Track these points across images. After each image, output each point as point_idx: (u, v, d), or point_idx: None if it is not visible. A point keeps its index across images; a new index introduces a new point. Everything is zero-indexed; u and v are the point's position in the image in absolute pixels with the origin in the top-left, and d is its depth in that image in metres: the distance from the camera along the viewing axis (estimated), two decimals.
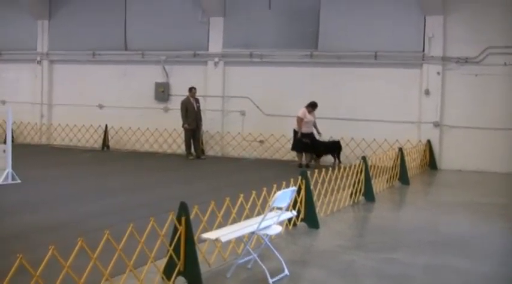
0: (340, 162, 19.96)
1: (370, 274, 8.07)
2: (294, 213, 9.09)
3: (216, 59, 23.31)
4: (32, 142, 26.32)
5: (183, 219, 6.99)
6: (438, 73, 20.63)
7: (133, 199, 13.29)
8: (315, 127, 20.27)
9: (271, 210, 7.75)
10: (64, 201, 12.81)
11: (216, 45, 23.44)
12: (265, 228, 7.64)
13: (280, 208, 7.95)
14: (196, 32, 23.67)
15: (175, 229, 7.02)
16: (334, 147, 20.49)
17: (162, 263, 7.13)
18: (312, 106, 20.18)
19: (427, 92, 20.73)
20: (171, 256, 7.00)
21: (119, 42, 24.97)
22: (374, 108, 21.35)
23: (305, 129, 20.01)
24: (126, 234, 6.43)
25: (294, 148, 20.60)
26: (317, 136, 20.30)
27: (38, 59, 26.36)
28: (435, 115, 20.72)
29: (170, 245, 6.99)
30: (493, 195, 15.81)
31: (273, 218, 7.90)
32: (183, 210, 7.03)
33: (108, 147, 24.75)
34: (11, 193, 13.66)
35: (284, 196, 7.63)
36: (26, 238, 9.40)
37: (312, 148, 20.12)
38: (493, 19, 20.20)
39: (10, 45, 26.69)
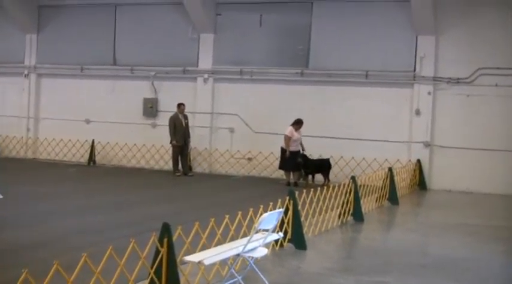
0: (329, 180, 19.71)
1: None
2: (281, 234, 8.83)
3: (206, 76, 23.10)
4: (17, 156, 25.96)
5: (165, 241, 6.73)
6: (429, 93, 20.51)
7: (117, 217, 12.98)
8: (301, 143, 20.06)
9: (257, 232, 7.48)
10: (45, 218, 12.47)
11: (205, 61, 23.24)
12: (250, 250, 7.37)
13: (266, 230, 7.69)
14: (186, 48, 23.49)
15: (157, 251, 6.75)
16: (323, 166, 20.25)
17: None
18: (298, 123, 19.98)
19: (417, 112, 20.59)
20: (152, 279, 6.72)
21: (107, 57, 24.74)
22: (364, 127, 21.18)
23: (293, 148, 19.81)
24: (105, 257, 6.14)
25: (281, 167, 20.38)
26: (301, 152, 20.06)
27: (26, 72, 26.05)
28: (425, 135, 20.56)
29: (152, 267, 6.72)
30: (484, 216, 15.58)
31: (259, 240, 7.64)
32: (166, 231, 6.76)
33: (94, 162, 24.44)
34: None
35: (271, 218, 7.38)
36: (2, 256, 9.07)
37: (301, 166, 19.87)
38: (484, 40, 20.12)
39: None
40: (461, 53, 20.31)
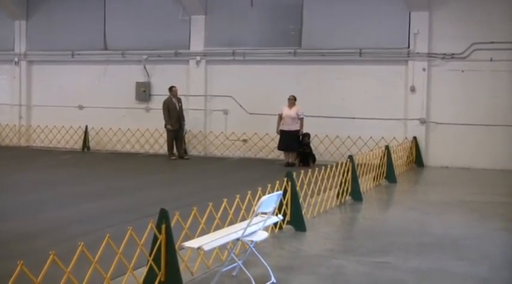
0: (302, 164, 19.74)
1: (362, 280, 7.71)
2: (281, 217, 8.68)
3: (198, 58, 22.89)
4: (10, 144, 25.80)
5: (163, 227, 6.58)
6: (424, 69, 20.36)
7: (113, 203, 12.82)
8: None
9: (257, 215, 7.34)
10: (40, 207, 12.31)
11: (197, 43, 23.03)
12: (250, 234, 7.24)
13: (265, 213, 7.55)
14: (178, 31, 23.25)
15: (155, 238, 6.61)
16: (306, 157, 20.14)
17: (142, 273, 6.72)
18: (288, 100, 19.85)
19: (412, 89, 20.46)
20: (151, 266, 6.59)
21: (98, 41, 24.50)
22: (359, 105, 21.05)
23: (283, 126, 19.73)
24: (102, 245, 6.00)
25: (278, 147, 20.35)
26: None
27: (16, 59, 25.81)
28: (421, 112, 20.45)
29: (150, 254, 6.58)
30: (483, 192, 15.46)
31: (259, 223, 7.50)
32: (164, 218, 6.62)
33: (88, 148, 24.30)
34: None
35: (270, 200, 7.24)
36: None
37: (295, 146, 19.81)
38: (478, 14, 19.95)
39: None
40: (455, 28, 20.14)
